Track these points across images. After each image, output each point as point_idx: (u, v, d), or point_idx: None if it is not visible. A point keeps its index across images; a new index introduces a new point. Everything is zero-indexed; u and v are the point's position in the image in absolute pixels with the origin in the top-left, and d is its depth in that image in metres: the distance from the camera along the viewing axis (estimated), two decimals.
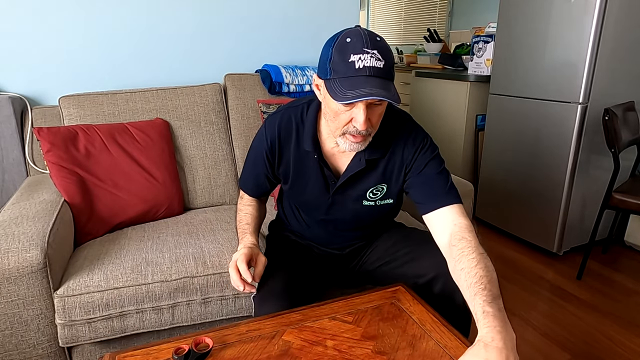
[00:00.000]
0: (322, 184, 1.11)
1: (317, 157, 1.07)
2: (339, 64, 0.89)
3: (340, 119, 0.94)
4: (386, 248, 1.22)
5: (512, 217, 2.54)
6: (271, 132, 1.11)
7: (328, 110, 0.96)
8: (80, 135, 1.52)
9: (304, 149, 1.09)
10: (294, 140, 1.10)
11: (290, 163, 1.12)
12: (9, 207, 1.35)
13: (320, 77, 0.95)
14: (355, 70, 0.87)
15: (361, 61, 0.87)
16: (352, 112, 0.91)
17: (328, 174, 1.10)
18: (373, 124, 0.95)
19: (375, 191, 1.12)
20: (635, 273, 2.22)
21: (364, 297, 1.05)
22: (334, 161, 1.11)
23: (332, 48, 0.90)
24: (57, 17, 1.76)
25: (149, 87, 1.78)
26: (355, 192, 1.12)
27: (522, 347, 1.67)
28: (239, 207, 1.23)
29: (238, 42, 2.06)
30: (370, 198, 1.12)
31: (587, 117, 2.16)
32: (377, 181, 1.10)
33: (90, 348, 1.25)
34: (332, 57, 0.90)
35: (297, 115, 1.10)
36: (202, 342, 0.88)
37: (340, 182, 1.09)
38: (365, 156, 1.05)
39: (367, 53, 0.87)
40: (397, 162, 1.08)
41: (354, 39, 0.89)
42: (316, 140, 1.07)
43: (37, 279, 1.13)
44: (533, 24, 2.31)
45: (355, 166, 1.07)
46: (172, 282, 1.23)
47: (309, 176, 1.11)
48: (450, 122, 3.03)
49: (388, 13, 5.19)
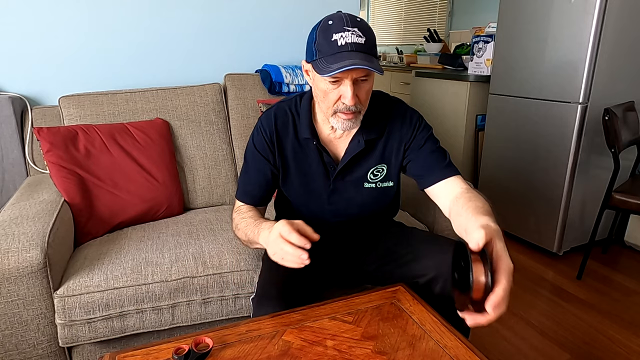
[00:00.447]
0: (322, 171, 1.13)
1: (315, 143, 1.10)
2: (323, 44, 0.95)
3: (330, 97, 0.99)
4: (386, 248, 1.22)
5: (512, 217, 2.54)
6: (268, 124, 1.13)
7: (318, 92, 1.01)
8: (80, 135, 1.52)
9: (302, 138, 1.12)
10: (292, 131, 1.13)
11: (290, 153, 1.14)
12: (9, 207, 1.35)
13: (308, 61, 1.01)
14: (338, 47, 0.93)
15: (343, 38, 0.93)
16: (340, 90, 0.97)
17: (327, 160, 1.12)
18: (362, 101, 1.00)
19: (375, 172, 1.15)
20: (635, 273, 2.22)
21: (364, 297, 1.05)
22: (332, 148, 1.13)
23: (316, 32, 0.97)
24: (57, 17, 1.76)
25: (149, 87, 1.78)
26: (356, 175, 1.14)
27: (522, 347, 1.67)
28: (236, 218, 1.15)
29: (238, 42, 2.06)
30: (371, 180, 1.15)
31: (587, 117, 2.16)
32: (377, 161, 1.14)
33: (90, 348, 1.25)
34: (317, 39, 0.96)
35: (292, 107, 1.14)
36: (202, 342, 0.88)
37: (340, 166, 1.12)
38: (363, 137, 1.09)
39: (348, 31, 0.93)
40: (396, 140, 1.13)
41: (335, 21, 0.95)
42: (313, 128, 1.11)
43: (37, 279, 1.13)
44: (533, 24, 2.31)
45: (354, 148, 1.10)
46: (172, 282, 1.23)
47: (308, 165, 1.14)
48: (450, 122, 3.03)
49: (388, 13, 5.19)
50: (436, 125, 3.11)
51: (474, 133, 2.94)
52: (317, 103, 1.07)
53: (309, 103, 1.12)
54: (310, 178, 1.15)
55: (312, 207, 1.19)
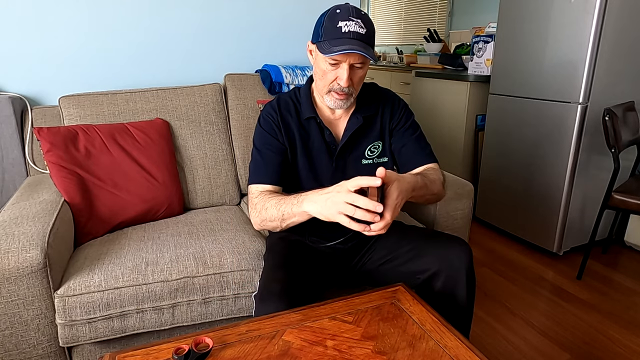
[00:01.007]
0: (325, 150, 1.22)
1: (318, 121, 1.21)
2: (329, 28, 1.07)
3: (327, 77, 1.11)
4: (387, 246, 1.22)
5: (512, 217, 2.54)
6: (273, 109, 1.22)
7: (318, 70, 1.13)
8: (80, 135, 1.52)
9: (304, 119, 1.22)
10: (294, 115, 1.23)
11: (295, 134, 1.22)
12: (9, 207, 1.35)
13: (313, 41, 1.13)
14: (342, 33, 1.05)
15: (347, 26, 1.05)
16: (337, 72, 1.09)
17: (329, 139, 1.21)
18: (354, 84, 1.12)
19: (372, 149, 1.25)
20: (635, 273, 2.22)
21: (364, 297, 1.05)
22: (332, 127, 1.23)
23: (324, 17, 1.10)
24: (57, 17, 1.76)
25: (149, 87, 1.78)
26: (355, 153, 1.24)
27: (522, 347, 1.67)
28: (260, 202, 1.13)
29: (238, 42, 2.06)
30: (369, 156, 1.25)
31: (587, 117, 2.16)
32: (374, 138, 1.25)
33: (90, 348, 1.25)
34: (324, 23, 1.08)
35: (292, 96, 1.26)
36: (202, 342, 0.88)
37: (342, 143, 1.21)
38: (362, 114, 1.21)
39: (352, 20, 1.05)
40: (387, 118, 1.26)
41: (342, 10, 1.08)
42: (314, 108, 1.22)
43: (37, 279, 1.13)
44: (533, 24, 2.31)
45: (354, 124, 1.21)
46: (172, 282, 1.23)
47: (312, 143, 1.22)
48: (450, 122, 3.03)
49: (388, 13, 5.19)
50: (436, 125, 3.11)
51: (474, 133, 2.94)
52: (315, 82, 1.19)
53: (309, 88, 1.24)
54: (315, 157, 1.23)
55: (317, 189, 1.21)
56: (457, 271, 1.10)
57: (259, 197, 1.15)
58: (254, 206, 1.15)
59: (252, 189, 1.19)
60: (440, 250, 1.12)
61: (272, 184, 1.17)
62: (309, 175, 1.23)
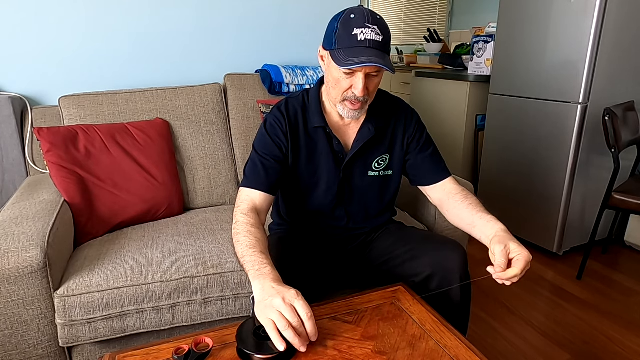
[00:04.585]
0: (332, 159, 1.17)
1: (327, 131, 1.15)
2: (343, 36, 1.00)
3: (341, 85, 1.04)
4: (385, 247, 1.23)
5: (512, 217, 2.54)
6: (282, 115, 1.15)
7: (330, 79, 1.07)
8: (80, 135, 1.52)
9: (312, 128, 1.16)
10: (302, 123, 1.17)
11: (302, 143, 1.16)
12: (9, 207, 1.35)
13: (326, 48, 1.06)
14: (357, 42, 0.98)
15: (363, 34, 0.98)
16: (352, 80, 1.02)
17: (338, 148, 1.16)
18: (370, 92, 1.06)
19: (380, 161, 1.21)
20: (635, 273, 2.22)
21: (364, 297, 1.05)
22: (341, 134, 1.18)
23: (338, 22, 1.02)
24: (57, 17, 1.76)
25: (149, 87, 1.78)
26: (363, 164, 1.19)
27: (522, 347, 1.67)
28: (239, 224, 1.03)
29: (238, 42, 2.06)
30: (375, 168, 1.21)
31: (587, 117, 2.16)
32: (382, 151, 1.20)
33: (90, 348, 1.25)
34: (338, 29, 1.01)
35: (299, 100, 1.18)
36: (202, 342, 0.88)
37: (352, 154, 1.16)
38: (373, 124, 1.16)
39: (368, 27, 0.99)
40: (400, 132, 1.21)
41: (357, 15, 1.00)
42: (322, 115, 1.16)
43: (37, 279, 1.13)
44: (533, 24, 2.31)
45: (365, 135, 1.16)
46: (172, 282, 1.23)
47: (319, 154, 1.17)
48: (450, 122, 3.03)
49: (388, 13, 5.19)
50: (436, 125, 3.11)
51: (474, 133, 2.94)
52: (327, 89, 1.11)
53: (317, 94, 1.17)
54: (321, 166, 1.18)
55: (317, 199, 1.21)
56: (451, 274, 1.10)
57: (243, 218, 1.04)
58: (236, 221, 1.05)
59: (243, 191, 1.11)
60: (434, 253, 1.13)
61: (265, 192, 1.10)
62: (312, 184, 1.20)
